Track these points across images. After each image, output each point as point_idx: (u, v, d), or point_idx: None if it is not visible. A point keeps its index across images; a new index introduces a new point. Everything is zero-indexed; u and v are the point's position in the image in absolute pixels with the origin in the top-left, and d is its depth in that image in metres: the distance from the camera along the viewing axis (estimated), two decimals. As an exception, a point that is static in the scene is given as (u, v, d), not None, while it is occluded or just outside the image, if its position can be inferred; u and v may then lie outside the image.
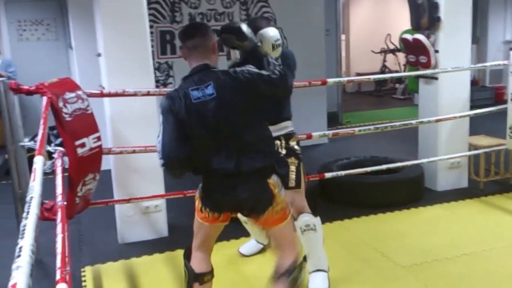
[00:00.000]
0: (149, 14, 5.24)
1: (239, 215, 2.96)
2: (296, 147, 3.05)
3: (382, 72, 11.13)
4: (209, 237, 2.62)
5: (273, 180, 2.40)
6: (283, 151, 2.98)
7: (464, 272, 3.31)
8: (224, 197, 2.40)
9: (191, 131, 2.29)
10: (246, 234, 3.92)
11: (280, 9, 6.49)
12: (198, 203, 2.52)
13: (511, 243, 3.73)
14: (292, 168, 2.97)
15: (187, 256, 2.66)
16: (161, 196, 3.99)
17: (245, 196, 2.36)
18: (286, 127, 3.06)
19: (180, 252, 3.73)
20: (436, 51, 4.69)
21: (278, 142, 2.96)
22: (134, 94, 3.61)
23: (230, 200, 2.41)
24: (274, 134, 2.72)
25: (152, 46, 5.61)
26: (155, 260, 3.70)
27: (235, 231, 3.99)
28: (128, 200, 3.86)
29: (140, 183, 3.94)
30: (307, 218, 3.03)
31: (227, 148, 2.30)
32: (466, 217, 4.23)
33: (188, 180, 2.64)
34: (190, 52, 2.36)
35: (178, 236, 4.02)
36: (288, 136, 3.03)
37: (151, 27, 5.81)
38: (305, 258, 2.78)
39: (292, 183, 2.95)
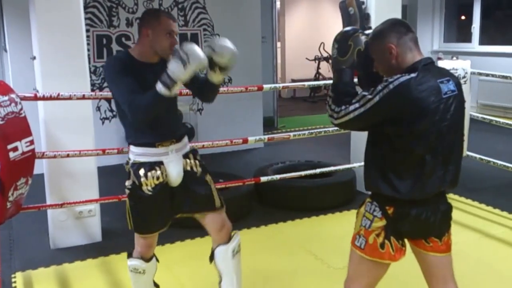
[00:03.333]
0: (86, 18, 5.14)
1: None
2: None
3: (316, 79, 11.39)
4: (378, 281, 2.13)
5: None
6: (199, 169, 2.64)
7: (396, 272, 3.41)
8: (431, 216, 2.02)
9: (423, 128, 1.90)
10: (180, 238, 3.91)
11: (217, 16, 6.53)
12: (373, 237, 2.02)
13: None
14: (213, 186, 2.68)
15: None
16: (95, 200, 3.91)
17: (447, 212, 2.10)
18: (187, 142, 2.70)
19: (114, 258, 3.69)
20: (367, 60, 4.86)
21: (188, 161, 2.60)
22: (69, 98, 3.53)
23: (441, 220, 2.07)
24: (183, 152, 2.57)
25: (88, 50, 5.50)
26: (88, 265, 3.62)
27: (170, 236, 3.98)
28: (61, 205, 3.76)
29: (74, 187, 3.85)
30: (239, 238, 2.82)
31: (441, 157, 1.97)
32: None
33: (123, 184, 2.61)
34: (414, 46, 2.01)
35: (112, 241, 3.95)
36: (195, 152, 2.69)
37: (87, 31, 5.70)
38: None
39: (218, 202, 2.68)
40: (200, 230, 4.02)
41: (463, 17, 10.15)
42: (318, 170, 4.61)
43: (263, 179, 4.32)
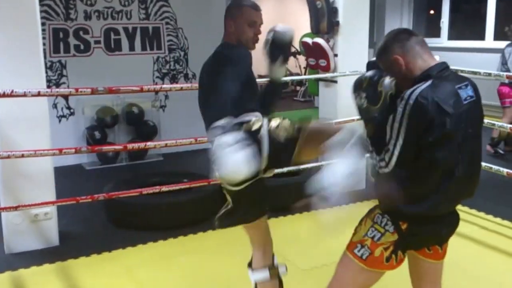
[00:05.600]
0: (42, 11, 5.04)
1: None
2: None
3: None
4: None
5: None
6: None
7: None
8: (444, 229, 2.05)
9: (447, 138, 1.84)
10: (142, 241, 3.88)
11: (180, 9, 6.48)
12: (380, 250, 1.99)
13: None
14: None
15: None
16: (52, 203, 3.84)
17: (457, 223, 2.10)
18: None
19: (72, 262, 3.64)
20: (335, 55, 4.91)
21: None
22: (24, 95, 3.45)
23: (450, 230, 2.07)
24: None
25: (44, 44, 5.39)
26: (45, 271, 3.55)
27: (132, 239, 3.95)
28: (15, 208, 3.67)
29: (29, 189, 3.77)
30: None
31: (466, 167, 1.91)
32: (363, 218, 4.43)
33: (81, 186, 2.56)
34: (423, 49, 1.97)
35: (70, 245, 3.90)
36: None
37: (43, 24, 5.58)
38: None
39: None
40: (162, 232, 4.04)
41: (432, 12, 10.34)
42: (285, 169, 4.62)
43: (229, 178, 4.30)
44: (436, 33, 9.72)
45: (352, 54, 4.92)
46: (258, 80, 2.58)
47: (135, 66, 6.25)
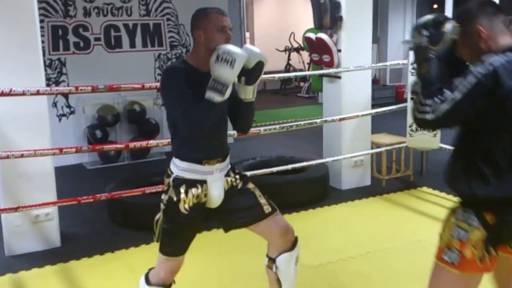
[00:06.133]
0: (40, 8, 4.99)
1: None
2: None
3: (287, 70, 11.39)
4: None
5: None
6: (238, 182, 2.54)
7: (369, 270, 3.44)
8: None
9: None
10: (145, 241, 3.84)
11: (181, 5, 6.43)
12: (470, 250, 1.82)
13: (412, 239, 3.94)
14: (257, 193, 2.58)
15: None
16: (53, 203, 3.80)
17: None
18: (229, 161, 2.58)
19: (74, 264, 3.60)
20: (339, 50, 4.86)
21: (228, 179, 2.50)
22: (23, 94, 3.41)
23: None
24: (225, 171, 2.47)
25: (43, 42, 5.35)
26: (47, 273, 3.52)
27: (135, 239, 3.91)
28: (15, 209, 3.64)
29: (29, 189, 3.73)
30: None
31: None
32: (369, 215, 4.40)
33: (82, 186, 2.52)
34: (506, 28, 1.89)
35: (72, 246, 3.86)
36: (233, 167, 2.59)
37: (41, 21, 5.55)
38: None
39: (268, 208, 2.56)
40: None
41: (435, 6, 10.27)
42: (290, 166, 4.58)
43: (233, 176, 4.27)
44: (441, 27, 9.65)
45: (356, 49, 4.87)
46: (262, 76, 2.51)
47: (136, 63, 6.21)
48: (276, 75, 4.83)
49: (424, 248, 3.79)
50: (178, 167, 2.39)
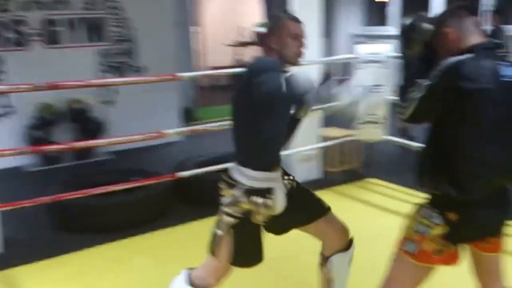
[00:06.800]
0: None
1: None
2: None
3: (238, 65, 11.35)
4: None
5: None
6: (293, 182, 2.51)
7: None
8: (497, 215, 1.99)
9: (479, 111, 1.83)
10: (91, 244, 3.74)
11: (127, -2, 6.29)
12: (429, 244, 1.97)
13: (363, 230, 3.96)
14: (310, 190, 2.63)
15: None
16: (-7, 208, 3.64)
17: (506, 209, 2.02)
18: None
19: (18, 270, 3.46)
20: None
21: (284, 181, 2.45)
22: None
23: (502, 217, 2.01)
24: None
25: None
26: (-12, 281, 3.37)
27: (80, 242, 3.80)
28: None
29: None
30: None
31: (503, 145, 1.89)
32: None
33: (24, 189, 2.41)
34: (475, 29, 1.99)
35: (15, 252, 3.72)
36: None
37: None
38: None
39: (326, 204, 2.60)
40: (112, 234, 3.89)
41: (382, 1, 10.43)
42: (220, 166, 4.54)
43: (183, 174, 4.20)
44: (386, 22, 9.83)
45: (306, 43, 4.86)
46: (208, 72, 2.48)
47: (79, 59, 6.02)
48: (226, 71, 4.79)
49: (374, 238, 3.85)
50: (249, 177, 2.28)
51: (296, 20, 2.34)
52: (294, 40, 2.30)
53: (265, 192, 2.27)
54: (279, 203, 2.34)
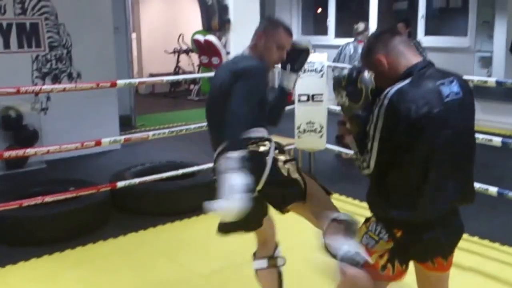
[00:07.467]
0: None
1: None
2: None
3: (176, 73, 11.28)
4: None
5: None
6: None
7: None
8: (443, 237, 1.95)
9: (426, 138, 1.81)
10: (25, 257, 3.62)
11: (62, 4, 6.12)
12: (375, 258, 1.94)
13: (304, 238, 4.01)
14: None
15: None
16: None
17: (460, 230, 2.02)
18: None
19: None
20: (228, 53, 4.89)
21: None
22: None
23: (452, 239, 2.00)
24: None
25: None
26: None
27: (11, 255, 3.66)
28: None
29: None
30: None
31: (451, 169, 1.89)
32: (261, 218, 4.45)
33: None
34: (406, 48, 1.95)
35: None
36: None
37: None
38: None
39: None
40: (48, 247, 3.77)
41: (319, 10, 10.68)
42: (180, 171, 4.52)
43: (120, 184, 4.13)
44: (324, 31, 10.05)
45: (245, 51, 4.91)
46: (147, 79, 2.49)
47: (11, 65, 5.81)
48: (165, 78, 4.77)
49: (315, 246, 3.90)
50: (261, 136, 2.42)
51: (289, 33, 2.50)
52: (278, 50, 2.46)
53: (266, 140, 2.42)
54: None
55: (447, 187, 1.88)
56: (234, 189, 2.00)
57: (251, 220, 2.36)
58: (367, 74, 1.96)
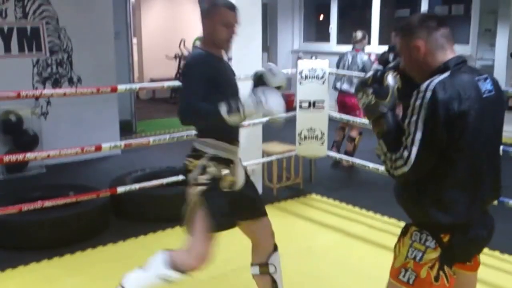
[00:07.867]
0: None
1: None
2: None
3: (177, 78, 11.28)
4: None
5: None
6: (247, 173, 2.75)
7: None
8: (485, 234, 1.93)
9: (469, 134, 1.77)
10: (24, 262, 3.61)
11: (62, 7, 6.14)
12: (426, 271, 1.86)
13: (303, 246, 4.03)
14: None
15: None
16: None
17: (493, 224, 1.98)
18: None
19: None
20: (230, 58, 4.88)
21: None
22: None
23: (490, 233, 1.96)
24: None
25: None
26: None
27: (12, 260, 3.66)
28: None
29: None
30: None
31: (488, 165, 1.88)
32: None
33: None
34: (447, 43, 1.88)
35: None
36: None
37: None
38: None
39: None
40: (47, 252, 3.76)
41: (321, 17, 10.70)
42: (180, 177, 4.51)
43: (120, 189, 4.12)
44: (326, 38, 10.07)
45: (246, 58, 4.92)
46: (147, 84, 2.53)
47: (12, 69, 5.82)
48: (166, 83, 4.75)
49: (315, 254, 3.90)
50: (212, 146, 2.47)
51: (231, 8, 2.48)
52: (226, 27, 2.45)
53: (229, 162, 2.48)
54: (239, 176, 2.55)
55: (485, 184, 1.87)
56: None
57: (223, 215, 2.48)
58: (391, 74, 1.92)
